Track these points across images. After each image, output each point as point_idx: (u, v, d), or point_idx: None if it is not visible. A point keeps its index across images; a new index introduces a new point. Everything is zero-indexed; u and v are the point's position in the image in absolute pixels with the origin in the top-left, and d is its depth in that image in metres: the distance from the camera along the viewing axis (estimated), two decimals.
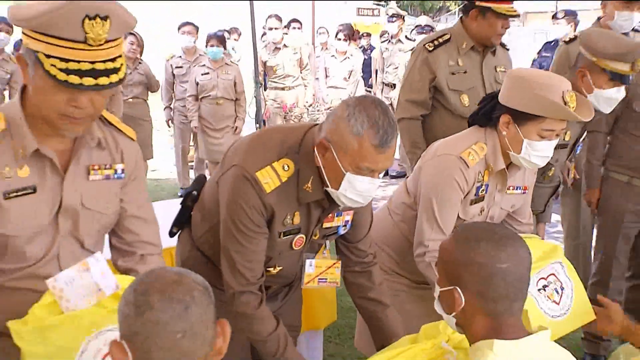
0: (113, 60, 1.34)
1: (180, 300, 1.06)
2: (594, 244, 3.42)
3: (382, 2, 23.20)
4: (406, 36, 7.53)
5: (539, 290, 1.91)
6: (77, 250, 1.56)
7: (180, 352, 1.06)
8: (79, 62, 1.29)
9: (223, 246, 1.76)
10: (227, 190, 1.71)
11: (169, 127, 6.57)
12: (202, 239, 1.93)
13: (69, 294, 1.39)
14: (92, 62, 1.30)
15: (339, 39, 7.42)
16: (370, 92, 8.51)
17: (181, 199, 2.03)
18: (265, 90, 6.78)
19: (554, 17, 5.75)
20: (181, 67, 6.26)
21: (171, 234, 2.03)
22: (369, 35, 10.15)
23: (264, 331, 1.76)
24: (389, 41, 7.79)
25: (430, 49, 2.93)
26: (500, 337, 1.26)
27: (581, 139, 3.02)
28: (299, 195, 1.71)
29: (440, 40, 2.96)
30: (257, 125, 6.06)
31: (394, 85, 7.20)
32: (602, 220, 3.19)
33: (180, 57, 6.32)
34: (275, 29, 6.76)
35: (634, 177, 3.07)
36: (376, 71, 7.98)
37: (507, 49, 3.13)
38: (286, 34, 7.55)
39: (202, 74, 5.87)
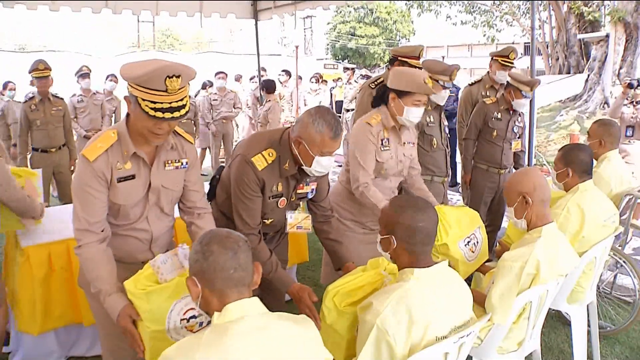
0: (182, 99, 1.32)
1: (232, 248, 1.03)
2: None
3: (340, 60, 23.20)
4: (355, 80, 7.56)
5: (464, 245, 1.87)
6: (159, 214, 1.53)
7: (233, 281, 1.03)
8: (162, 103, 1.29)
9: (234, 205, 1.71)
10: (235, 170, 1.68)
11: (215, 137, 6.15)
12: (223, 204, 1.86)
13: (163, 270, 1.33)
14: (170, 103, 1.30)
15: (312, 82, 7.51)
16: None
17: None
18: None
19: None
20: (216, 99, 6.01)
21: None
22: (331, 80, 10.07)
23: (263, 258, 1.70)
24: (344, 83, 7.87)
25: (373, 87, 2.85)
26: (417, 266, 1.27)
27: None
28: (280, 171, 1.67)
29: (378, 81, 2.90)
30: None
31: (348, 110, 7.27)
32: (472, 193, 3.20)
33: (216, 93, 6.05)
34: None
35: (490, 167, 3.12)
36: (342, 102, 7.91)
37: None
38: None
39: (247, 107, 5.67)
